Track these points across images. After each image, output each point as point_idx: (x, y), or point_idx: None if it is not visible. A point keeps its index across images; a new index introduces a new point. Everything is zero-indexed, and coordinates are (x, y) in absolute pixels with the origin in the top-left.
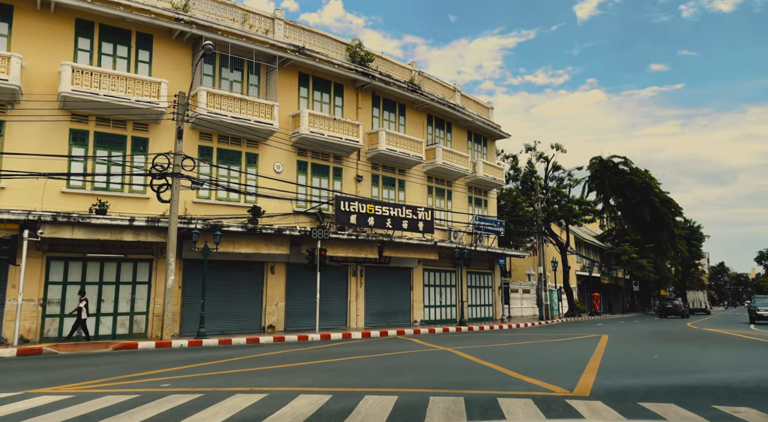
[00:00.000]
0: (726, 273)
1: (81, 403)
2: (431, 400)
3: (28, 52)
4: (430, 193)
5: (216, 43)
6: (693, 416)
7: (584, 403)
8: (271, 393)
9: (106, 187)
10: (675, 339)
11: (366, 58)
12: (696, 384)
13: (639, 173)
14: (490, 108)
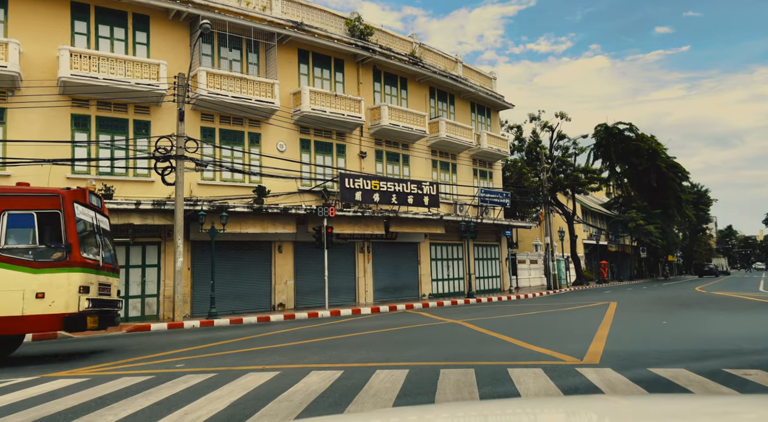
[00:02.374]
0: (734, 236)
1: (97, 385)
2: (442, 373)
3: (26, 38)
4: (435, 167)
5: (213, 22)
6: (704, 380)
7: (594, 371)
8: (283, 371)
9: (110, 171)
10: (684, 305)
11: (365, 31)
12: (706, 348)
13: (645, 139)
14: (493, 78)
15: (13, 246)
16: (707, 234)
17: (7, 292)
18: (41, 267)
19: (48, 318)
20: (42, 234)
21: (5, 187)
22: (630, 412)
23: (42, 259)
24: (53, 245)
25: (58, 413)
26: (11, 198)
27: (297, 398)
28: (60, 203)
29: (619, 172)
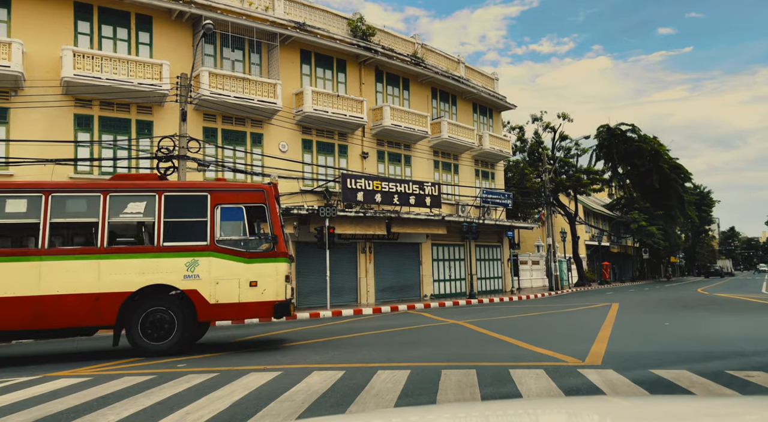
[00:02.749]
0: (737, 238)
1: (99, 385)
2: (443, 373)
3: (29, 38)
4: (437, 168)
5: (216, 22)
6: (706, 381)
7: (596, 372)
8: (285, 371)
9: (113, 171)
10: (686, 306)
11: (368, 32)
12: (708, 350)
13: (647, 140)
14: (495, 79)
15: (226, 238)
16: (710, 235)
17: (226, 281)
18: (252, 257)
19: (261, 305)
20: (251, 227)
21: (215, 183)
22: (631, 413)
23: (252, 250)
24: (261, 237)
25: (60, 412)
26: (222, 193)
27: (299, 398)
28: (264, 197)
29: (621, 173)
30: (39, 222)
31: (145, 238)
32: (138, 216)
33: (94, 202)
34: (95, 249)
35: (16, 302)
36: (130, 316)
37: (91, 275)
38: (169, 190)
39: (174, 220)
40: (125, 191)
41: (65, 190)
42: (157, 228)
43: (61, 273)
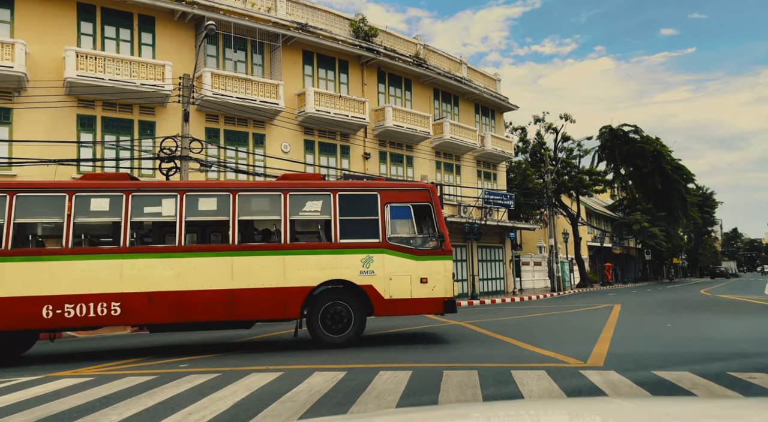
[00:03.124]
0: (739, 239)
1: (101, 385)
2: (445, 374)
3: (32, 38)
4: (439, 169)
5: (218, 23)
6: (708, 383)
7: (598, 373)
8: (286, 371)
9: (115, 171)
10: (689, 307)
11: (370, 33)
12: (710, 351)
13: (650, 141)
14: (497, 80)
15: (397, 235)
16: (712, 237)
17: (399, 277)
18: (422, 254)
19: (431, 301)
20: (418, 225)
21: (383, 182)
22: (633, 414)
23: (421, 248)
24: (429, 235)
25: (62, 412)
26: (391, 192)
27: (300, 398)
28: (430, 196)
29: (623, 174)
30: (228, 220)
31: (322, 235)
32: (315, 215)
33: (276, 200)
34: (279, 246)
35: (214, 295)
36: (311, 310)
37: (277, 270)
38: (342, 190)
39: (348, 218)
40: (303, 191)
41: (247, 190)
42: (334, 225)
43: (251, 268)
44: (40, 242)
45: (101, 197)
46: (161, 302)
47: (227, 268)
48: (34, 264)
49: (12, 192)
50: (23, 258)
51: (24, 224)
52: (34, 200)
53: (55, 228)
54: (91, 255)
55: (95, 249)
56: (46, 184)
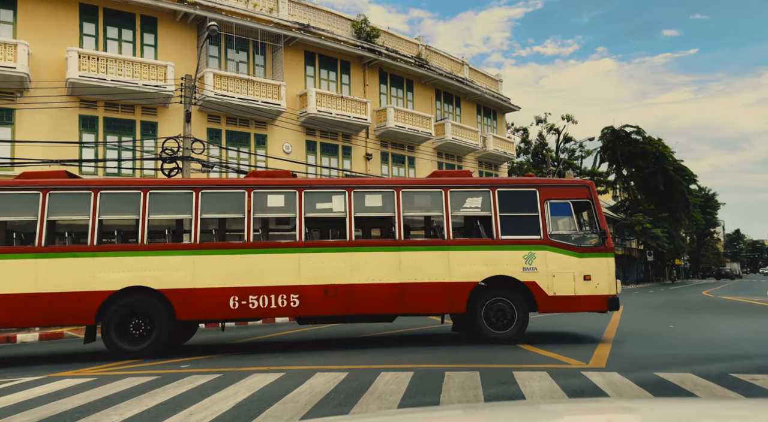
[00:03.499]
0: (742, 240)
1: (103, 385)
2: (447, 375)
3: (34, 39)
4: (441, 169)
5: (220, 24)
6: (710, 384)
7: (600, 374)
8: (288, 372)
9: (117, 172)
10: (691, 309)
11: (372, 33)
12: (712, 352)
13: (652, 142)
14: (499, 81)
15: (558, 232)
16: (715, 238)
17: (561, 274)
18: (584, 252)
19: (595, 298)
20: (578, 222)
21: (542, 179)
22: (635, 415)
23: (583, 245)
24: (590, 231)
25: (64, 412)
26: (550, 188)
27: (302, 399)
28: (589, 193)
29: (625, 175)
30: (394, 216)
31: (482, 232)
32: (475, 211)
33: (437, 197)
34: (444, 242)
35: (385, 289)
36: (474, 305)
37: (443, 265)
38: (502, 186)
39: (508, 215)
40: (462, 187)
41: (410, 187)
42: (495, 222)
43: (418, 263)
44: (223, 236)
45: (277, 194)
46: (336, 295)
47: (396, 263)
48: (221, 258)
49: (197, 189)
50: (211, 251)
51: (208, 219)
52: (218, 197)
53: (235, 222)
54: (271, 249)
55: (274, 244)
56: (227, 182)
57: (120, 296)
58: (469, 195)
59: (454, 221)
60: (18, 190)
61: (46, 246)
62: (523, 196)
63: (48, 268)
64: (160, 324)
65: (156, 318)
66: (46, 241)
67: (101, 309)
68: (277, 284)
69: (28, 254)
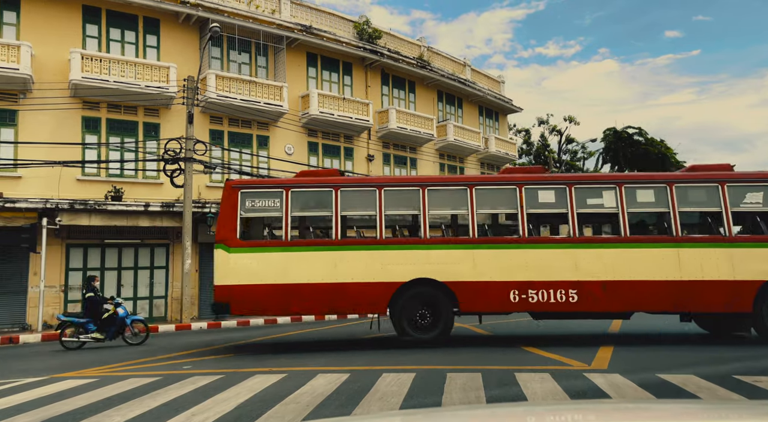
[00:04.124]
0: None
1: (105, 386)
2: (448, 376)
3: (37, 41)
4: (442, 170)
5: (223, 25)
6: (713, 386)
7: (602, 376)
8: (289, 373)
9: (120, 173)
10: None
11: (374, 35)
12: (716, 354)
13: (654, 143)
14: (501, 82)
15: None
16: None
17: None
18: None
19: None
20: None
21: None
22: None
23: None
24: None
25: (66, 413)
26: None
27: (303, 400)
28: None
29: None
30: (669, 212)
31: (716, 228)
32: (756, 207)
33: (713, 193)
34: (725, 238)
35: (662, 286)
36: (762, 305)
37: (725, 263)
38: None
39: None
40: (743, 181)
41: (683, 181)
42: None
43: (697, 259)
44: (498, 231)
45: (547, 190)
46: (614, 291)
47: (674, 260)
48: (500, 252)
49: (471, 185)
50: (490, 245)
51: (483, 214)
52: (491, 193)
53: (509, 218)
54: (548, 245)
55: (551, 239)
56: (498, 179)
57: (408, 287)
58: (750, 190)
59: (737, 217)
60: (314, 188)
61: (342, 240)
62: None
63: (345, 260)
64: (446, 314)
65: (442, 309)
66: (341, 235)
67: (392, 299)
68: (557, 279)
69: (328, 247)
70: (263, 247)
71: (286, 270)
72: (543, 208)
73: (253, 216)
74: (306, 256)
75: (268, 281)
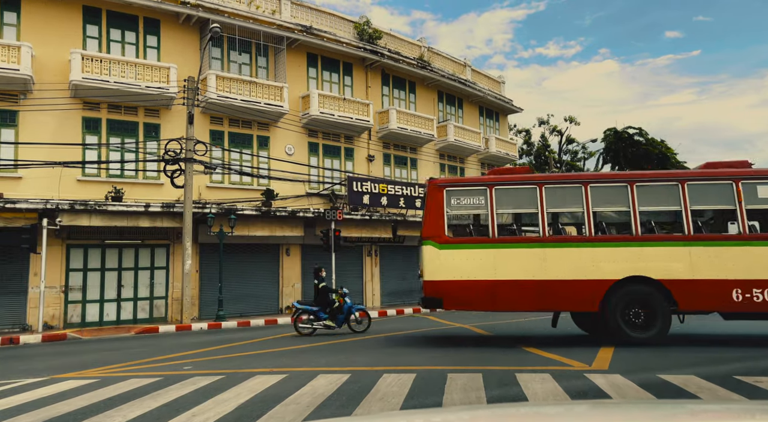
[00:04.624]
0: None
1: (106, 387)
2: (449, 377)
3: (38, 41)
4: (443, 171)
5: (223, 26)
6: (714, 386)
7: (603, 376)
8: (290, 374)
9: (120, 173)
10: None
11: (374, 35)
12: (716, 354)
13: (655, 143)
14: (502, 82)
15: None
16: None
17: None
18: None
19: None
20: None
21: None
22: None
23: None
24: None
25: (67, 413)
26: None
27: (304, 401)
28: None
29: None
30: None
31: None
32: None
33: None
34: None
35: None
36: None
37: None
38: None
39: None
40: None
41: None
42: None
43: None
44: (713, 228)
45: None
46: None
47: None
48: (718, 249)
49: (683, 180)
50: (708, 243)
51: (697, 211)
52: (704, 188)
53: (729, 214)
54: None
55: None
56: (713, 173)
57: (622, 285)
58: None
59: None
60: (518, 185)
61: (550, 237)
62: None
63: (553, 257)
64: (663, 313)
65: (658, 308)
66: (548, 232)
67: (604, 297)
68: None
69: (536, 244)
70: (471, 244)
71: (495, 267)
72: (763, 203)
73: (458, 214)
74: (514, 253)
75: (477, 277)
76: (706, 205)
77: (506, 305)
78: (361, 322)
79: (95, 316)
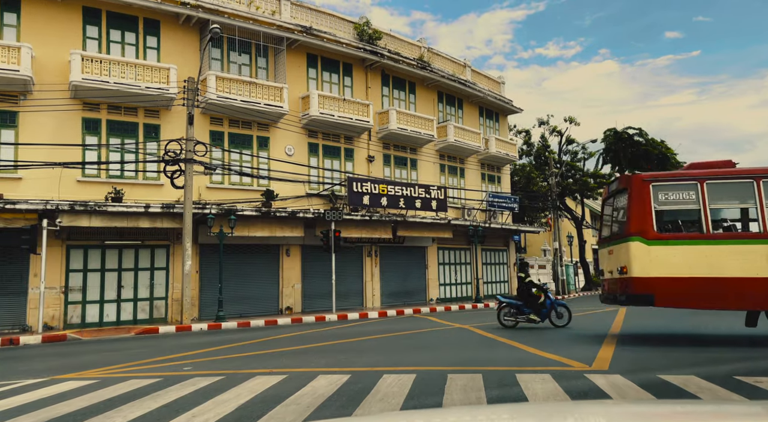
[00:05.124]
0: None
1: (106, 387)
2: (449, 378)
3: (38, 42)
4: (443, 171)
5: (223, 27)
6: (714, 387)
7: (603, 377)
8: (290, 375)
9: (120, 174)
10: (694, 312)
11: (374, 36)
12: (716, 354)
13: (655, 144)
14: (502, 83)
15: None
16: None
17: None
18: None
19: None
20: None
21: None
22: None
23: None
24: None
25: (67, 414)
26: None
27: (304, 401)
28: None
29: None
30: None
31: None
32: None
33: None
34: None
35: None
36: None
37: None
38: None
39: None
40: None
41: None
42: None
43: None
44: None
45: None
46: None
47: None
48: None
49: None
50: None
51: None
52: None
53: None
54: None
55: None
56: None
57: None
58: None
59: None
60: (733, 179)
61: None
62: None
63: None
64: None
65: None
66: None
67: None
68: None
69: (759, 240)
70: (684, 240)
71: (710, 264)
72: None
73: (665, 209)
74: (733, 249)
75: (693, 274)
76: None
77: (726, 303)
78: (562, 317)
79: (95, 317)
